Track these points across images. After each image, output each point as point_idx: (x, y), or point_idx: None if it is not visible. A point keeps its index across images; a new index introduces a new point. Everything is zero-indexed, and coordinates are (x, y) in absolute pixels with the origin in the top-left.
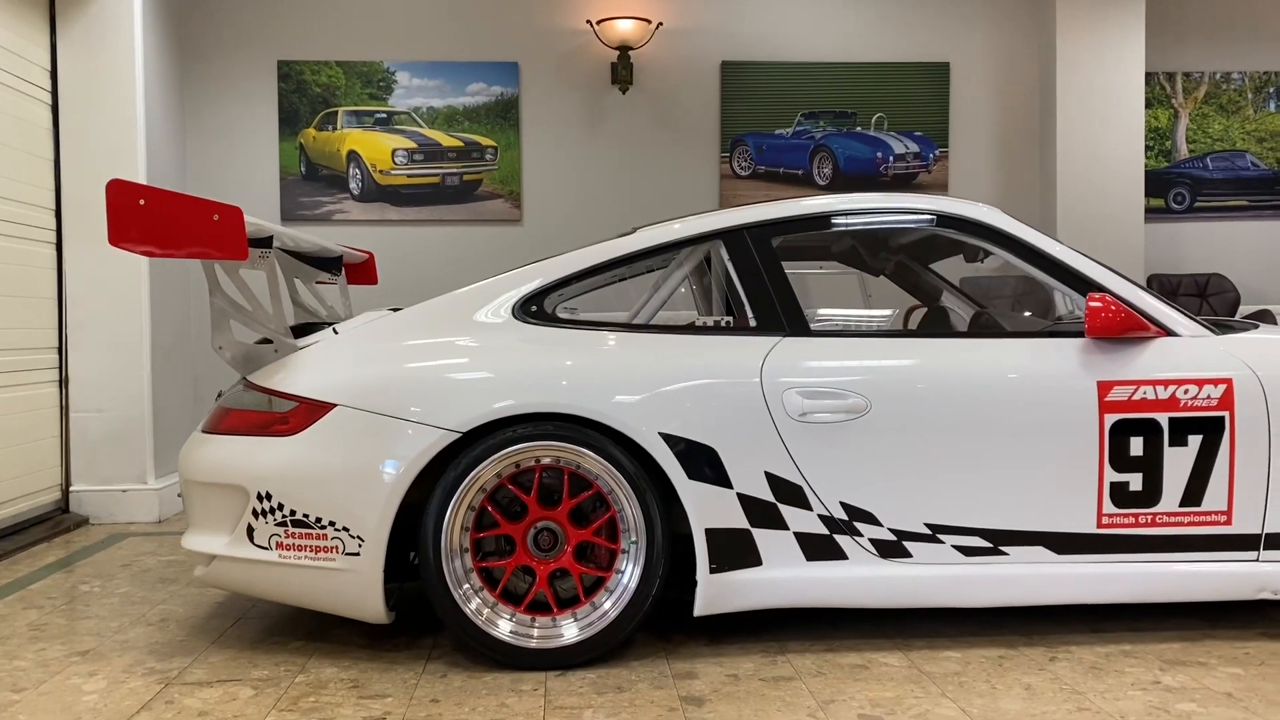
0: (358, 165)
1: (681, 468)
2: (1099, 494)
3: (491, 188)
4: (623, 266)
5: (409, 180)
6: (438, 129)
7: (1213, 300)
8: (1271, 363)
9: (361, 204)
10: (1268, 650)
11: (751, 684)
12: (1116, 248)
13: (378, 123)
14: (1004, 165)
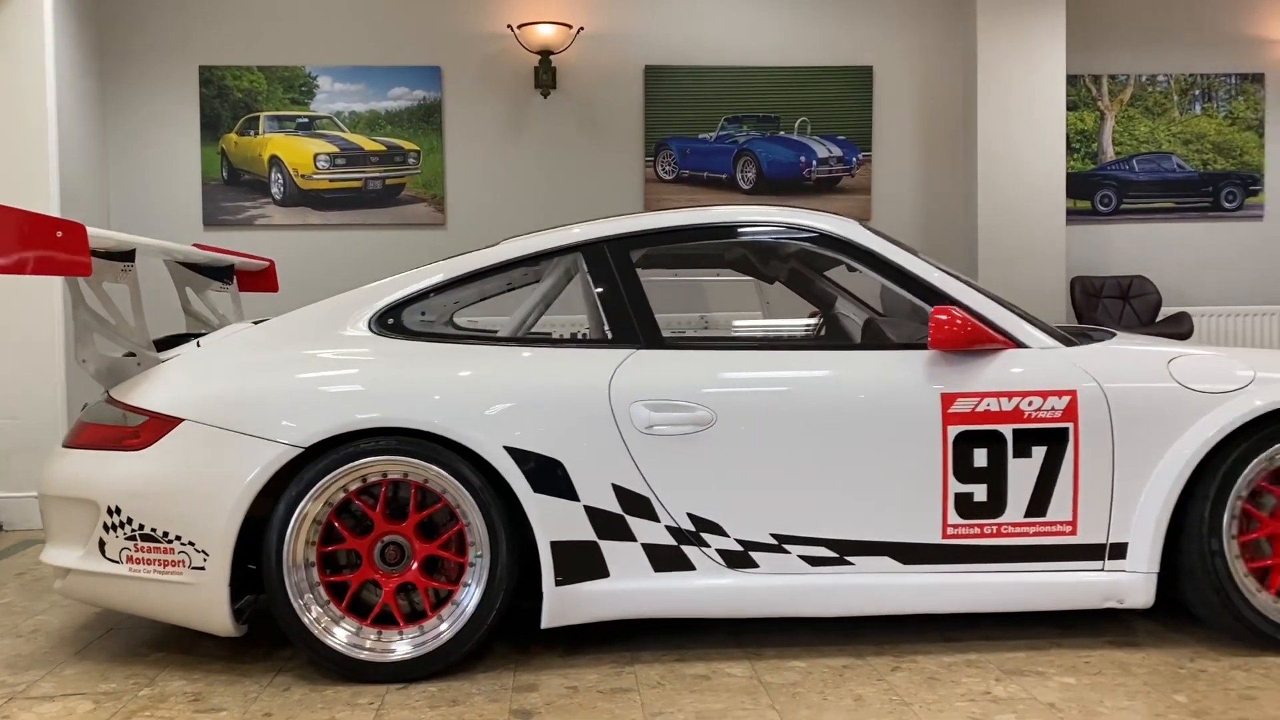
0: (280, 170)
1: (526, 481)
2: (944, 505)
3: (415, 192)
4: (484, 279)
5: (331, 185)
6: (360, 133)
7: (1135, 303)
8: (1116, 374)
9: (284, 209)
10: (1109, 659)
11: (588, 696)
12: (1038, 250)
13: (300, 127)
14: (927, 168)
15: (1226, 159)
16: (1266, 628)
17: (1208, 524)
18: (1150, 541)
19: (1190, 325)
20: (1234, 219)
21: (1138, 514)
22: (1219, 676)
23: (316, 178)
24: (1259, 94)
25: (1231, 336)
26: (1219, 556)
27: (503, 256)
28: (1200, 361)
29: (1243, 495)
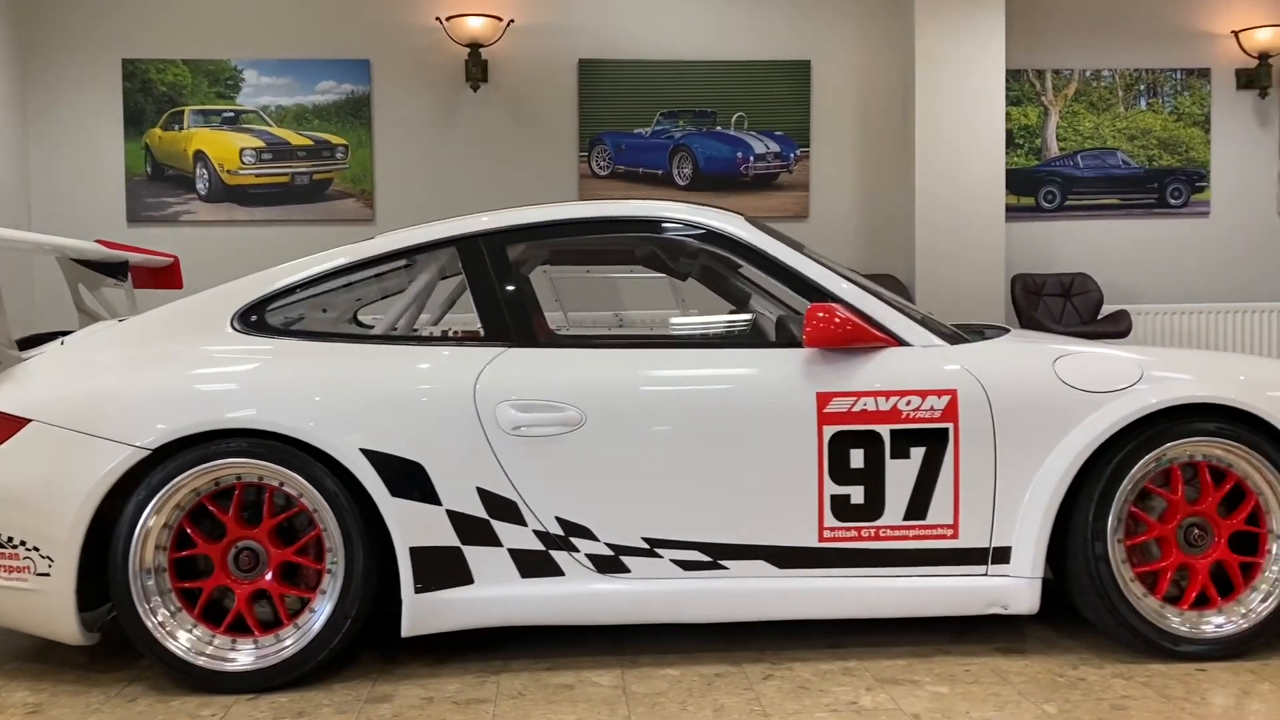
0: (205, 165)
1: (384, 485)
2: (820, 507)
3: (343, 187)
4: (353, 275)
5: (257, 180)
6: (287, 128)
7: (1076, 300)
8: (998, 374)
9: (209, 205)
10: (990, 667)
11: (442, 707)
12: (977, 247)
13: (225, 122)
14: (866, 165)
15: (1172, 155)
16: (1151, 634)
17: (1091, 527)
18: (1034, 546)
19: (1129, 323)
20: (1180, 216)
21: (1021, 517)
22: (1097, 685)
23: (242, 173)
24: (1205, 89)
25: (1174, 335)
26: (1103, 561)
27: (373, 251)
28: (1087, 360)
29: (1130, 498)
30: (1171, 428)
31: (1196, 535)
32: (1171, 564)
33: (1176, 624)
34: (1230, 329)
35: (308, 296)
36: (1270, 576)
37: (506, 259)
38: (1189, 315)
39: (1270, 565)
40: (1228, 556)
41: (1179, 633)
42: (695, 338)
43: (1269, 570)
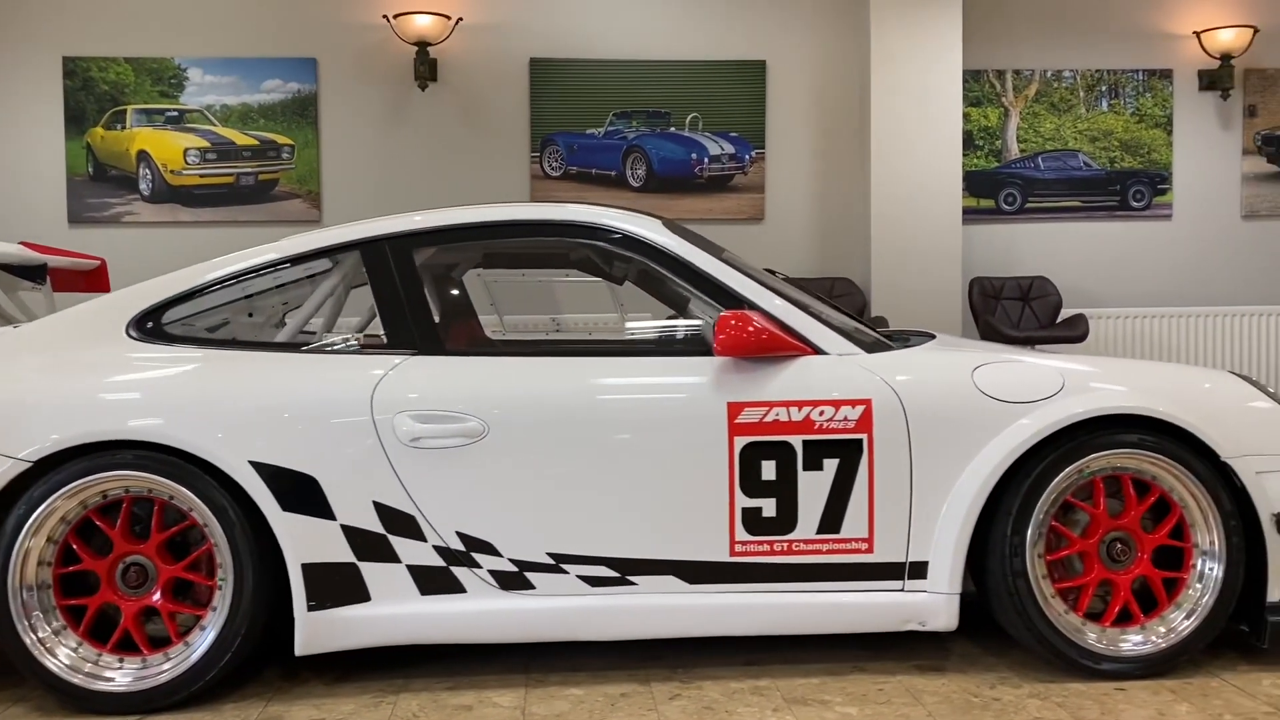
0: (148, 165)
1: (275, 499)
2: (731, 520)
3: (289, 187)
4: (253, 279)
5: (202, 180)
6: (232, 127)
7: (1035, 304)
8: (915, 383)
9: (152, 205)
10: (906, 686)
11: None
12: (933, 250)
13: (169, 121)
14: (823, 166)
15: (1134, 157)
16: (1071, 652)
17: (1009, 542)
18: (951, 561)
19: (1086, 328)
20: (1141, 218)
21: (938, 532)
22: (1011, 705)
23: (186, 173)
24: (1167, 90)
25: (1134, 339)
26: (1021, 576)
27: (273, 256)
28: (1007, 370)
29: (1050, 512)
30: (1093, 440)
31: (1119, 550)
32: (1093, 580)
33: (1095, 641)
34: (1192, 333)
35: (206, 302)
36: (1193, 594)
37: (412, 263)
38: (1150, 319)
39: (1194, 581)
40: (1151, 572)
41: (1099, 650)
42: (606, 345)
43: (1192, 587)
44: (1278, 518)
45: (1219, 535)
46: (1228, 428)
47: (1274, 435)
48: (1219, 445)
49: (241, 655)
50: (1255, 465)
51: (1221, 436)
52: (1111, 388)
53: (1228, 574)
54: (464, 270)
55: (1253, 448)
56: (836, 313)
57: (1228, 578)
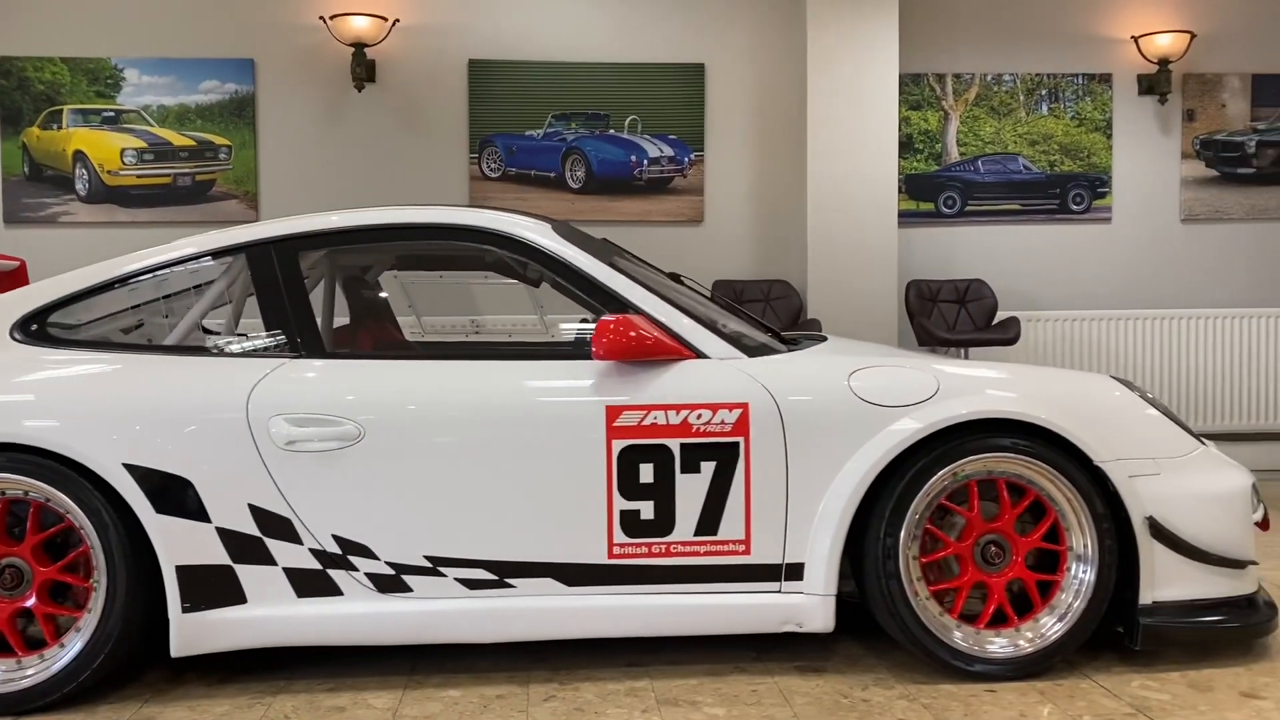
0: (84, 165)
1: (149, 501)
2: (609, 523)
3: (226, 188)
4: (139, 281)
5: (139, 181)
6: (169, 128)
7: (971, 307)
8: (792, 387)
9: (89, 206)
10: (781, 687)
11: None
12: (870, 252)
13: (105, 121)
14: (762, 169)
15: (1074, 161)
16: (944, 653)
17: (883, 544)
18: (826, 563)
19: (1018, 331)
20: (1081, 222)
21: (814, 534)
22: (878, 707)
23: (123, 173)
24: (1106, 94)
25: (1070, 342)
26: (894, 579)
27: (160, 259)
28: (883, 374)
29: (925, 515)
30: (967, 444)
31: (994, 553)
32: (967, 582)
33: (963, 643)
34: (1130, 336)
35: (93, 305)
36: (1065, 598)
37: (297, 266)
38: (1088, 322)
39: (1069, 585)
40: (1025, 575)
41: (969, 652)
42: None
43: (1065, 590)
44: (1150, 521)
45: (1092, 539)
46: (1102, 432)
47: (1148, 439)
48: (1092, 449)
49: (117, 657)
50: (1129, 469)
51: (1095, 440)
52: (987, 392)
53: (1099, 578)
54: (379, 272)
55: (1126, 452)
56: (731, 317)
57: (1099, 581)
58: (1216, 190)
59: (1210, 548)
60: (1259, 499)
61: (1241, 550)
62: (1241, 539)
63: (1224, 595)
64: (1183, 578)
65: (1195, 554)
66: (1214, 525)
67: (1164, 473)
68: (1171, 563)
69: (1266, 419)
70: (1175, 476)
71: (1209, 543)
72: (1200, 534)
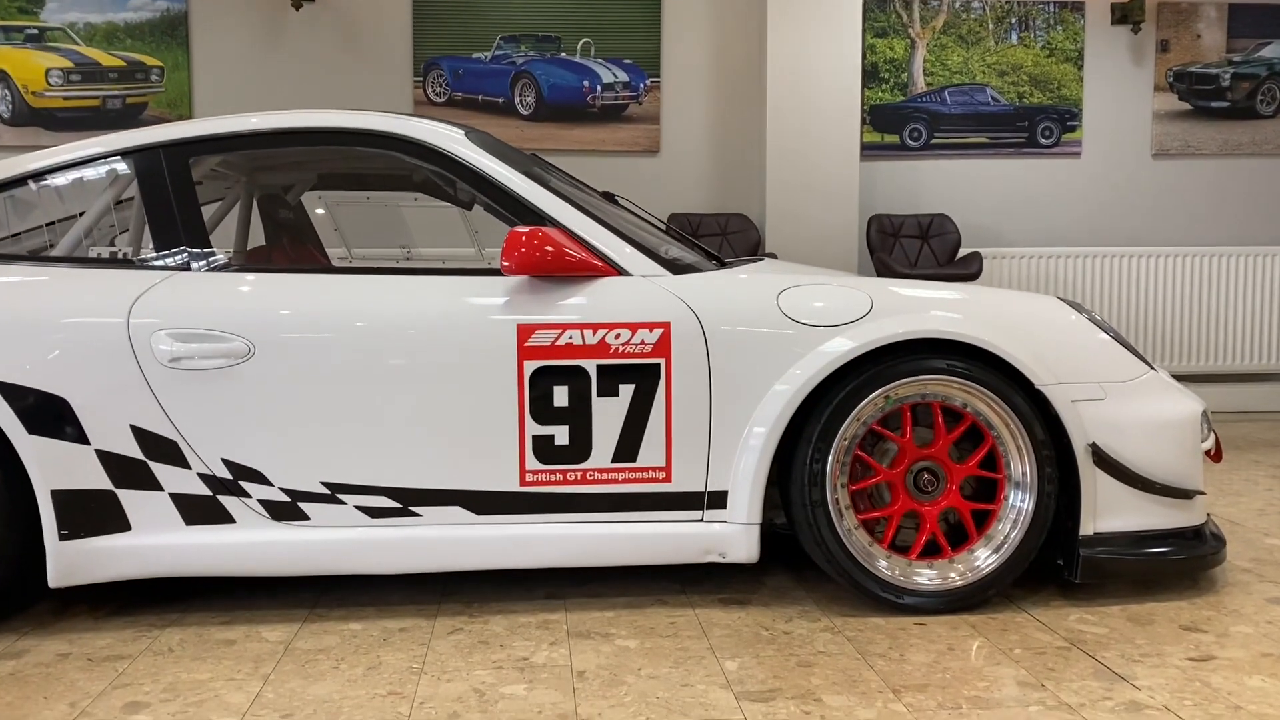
0: (7, 86)
1: (20, 421)
2: (521, 449)
3: (158, 112)
4: (22, 186)
5: (65, 103)
6: (97, 47)
7: (934, 242)
8: (718, 306)
9: (13, 129)
10: (702, 619)
11: (71, 664)
12: (830, 185)
13: (29, 39)
14: (720, 97)
15: (1044, 92)
16: (870, 584)
17: (809, 471)
18: (749, 490)
19: (980, 266)
20: (1050, 156)
21: (738, 460)
22: (799, 640)
23: (49, 95)
24: (1078, 24)
25: (1036, 278)
26: (820, 506)
27: (38, 164)
28: (814, 293)
29: (855, 440)
30: (899, 365)
31: (927, 481)
32: (898, 511)
33: (889, 573)
34: (1097, 274)
35: None
36: (1001, 528)
37: (188, 173)
38: (1055, 259)
39: (1005, 514)
40: (960, 504)
41: (898, 584)
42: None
43: (1002, 521)
44: (1093, 448)
45: (1031, 466)
46: (1045, 354)
47: (1094, 363)
48: (1033, 372)
49: None
50: (1072, 393)
51: (1036, 363)
52: (923, 312)
53: (1038, 506)
54: (300, 192)
55: (1070, 375)
56: (668, 240)
57: (1037, 510)
58: (1189, 124)
59: (1156, 477)
60: (1209, 428)
61: (1189, 480)
62: (1189, 468)
63: (1170, 527)
64: (1126, 508)
65: (1140, 483)
66: (1161, 453)
67: (1110, 398)
68: (1115, 492)
69: (1237, 359)
70: (1121, 402)
71: (1155, 471)
72: (1146, 462)
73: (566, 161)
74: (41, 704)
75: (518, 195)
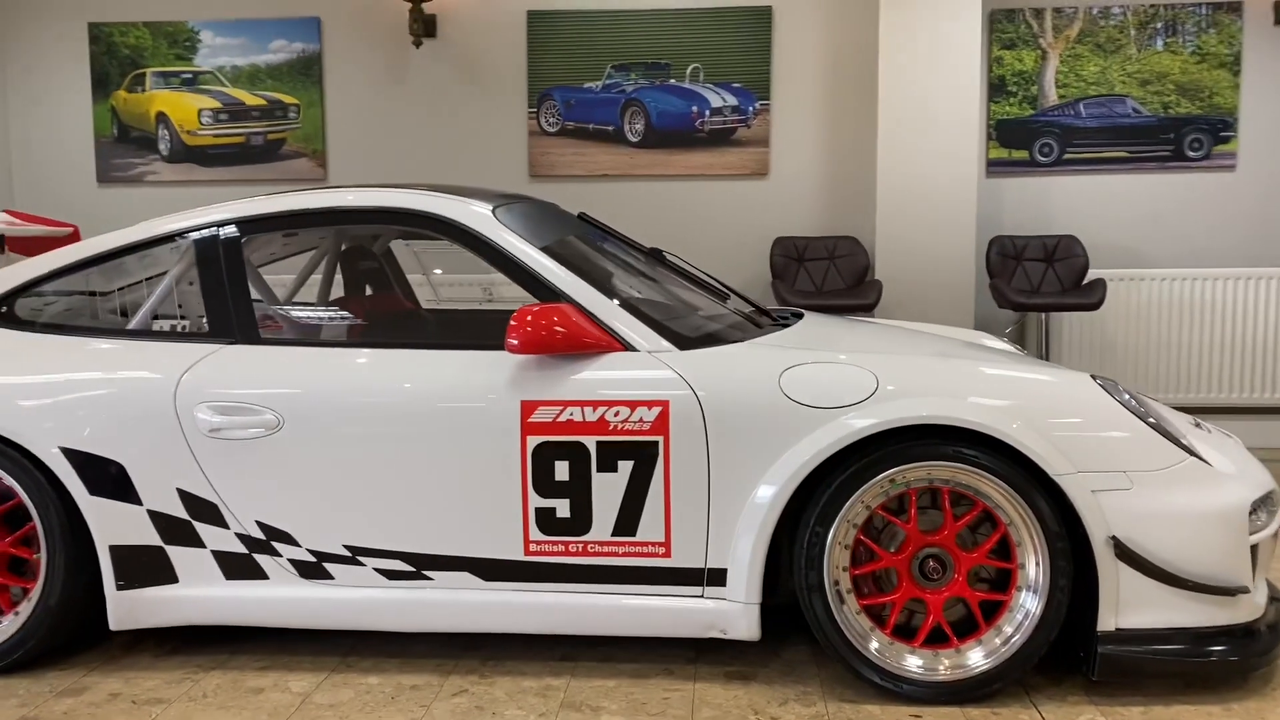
0: (166, 126)
1: (83, 483)
2: (524, 520)
3: (295, 146)
4: (102, 264)
5: (215, 140)
6: (241, 88)
7: (1059, 266)
8: (719, 385)
9: (171, 165)
10: (697, 696)
11: (114, 705)
12: (944, 206)
13: (184, 83)
14: (832, 118)
15: (1193, 102)
16: (865, 669)
17: (805, 555)
18: (747, 570)
19: (1102, 295)
20: (1199, 169)
21: (736, 540)
22: None
23: (201, 133)
24: (1235, 26)
25: (1176, 304)
26: (816, 591)
27: (115, 244)
28: (819, 371)
29: (856, 524)
30: (904, 449)
31: (932, 568)
32: (900, 598)
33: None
34: (1248, 298)
35: (58, 288)
36: (1005, 629)
37: (239, 252)
38: (1198, 281)
39: (1014, 611)
40: (968, 594)
41: (894, 670)
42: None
43: (1006, 622)
44: (1114, 541)
45: (1043, 562)
46: (1065, 440)
47: (1120, 450)
48: (1047, 460)
49: (60, 630)
50: (1092, 483)
51: (1051, 450)
52: (930, 395)
53: (1047, 608)
54: (386, 243)
55: (1092, 463)
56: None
57: (1046, 613)
58: None
59: (1188, 572)
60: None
61: (1230, 575)
62: (1230, 563)
63: (1210, 625)
64: (1155, 603)
65: (1168, 578)
66: (1193, 547)
67: (1136, 487)
68: (1141, 586)
69: None
70: (1150, 492)
71: (1186, 567)
72: (1175, 556)
73: (674, 187)
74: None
75: (532, 271)
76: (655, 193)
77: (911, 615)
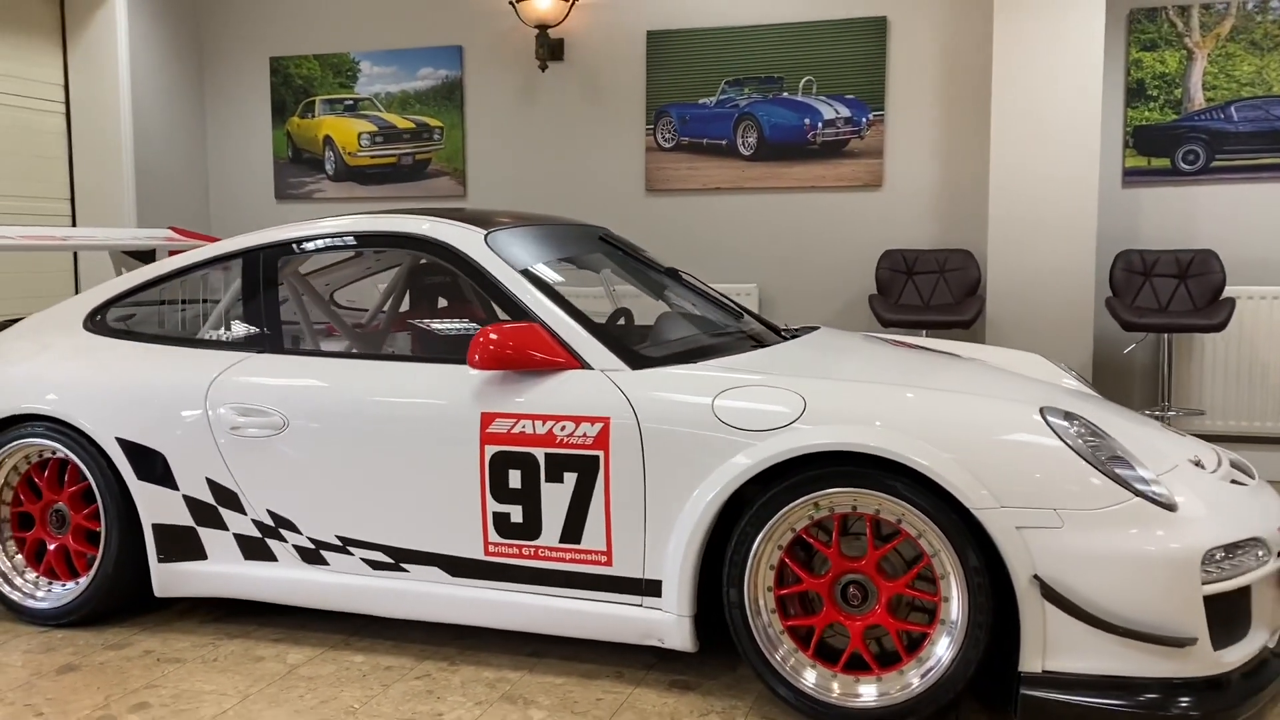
0: (331, 148)
1: (133, 469)
2: (484, 522)
3: (439, 166)
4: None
5: (372, 161)
6: (394, 113)
7: (1192, 283)
8: (655, 405)
9: (335, 183)
10: (630, 701)
11: (139, 662)
12: (1062, 218)
13: (346, 109)
14: (948, 128)
15: None
16: (784, 691)
17: (727, 573)
18: (678, 584)
19: (1227, 316)
20: None
21: (669, 554)
22: None
23: (360, 155)
24: None
25: None
26: (736, 608)
27: (181, 264)
28: (749, 395)
29: (780, 544)
30: (825, 475)
31: (853, 594)
32: (821, 621)
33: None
34: None
35: (138, 300)
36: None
37: (273, 271)
38: None
39: (939, 638)
40: (888, 622)
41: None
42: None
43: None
44: (1039, 581)
45: (961, 598)
46: (992, 474)
47: (1054, 486)
48: (964, 494)
49: (115, 594)
50: (1017, 519)
51: (972, 483)
52: (852, 422)
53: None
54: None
55: (1020, 499)
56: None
57: (960, 653)
58: None
59: (1122, 619)
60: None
61: (1173, 625)
62: (1172, 611)
63: (1161, 676)
64: (1089, 649)
65: (1098, 623)
66: (1131, 592)
67: (1068, 525)
68: (1072, 630)
69: None
70: (1083, 532)
71: (1120, 612)
72: (1107, 601)
73: (786, 199)
74: (86, 693)
75: (505, 292)
76: (768, 205)
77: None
